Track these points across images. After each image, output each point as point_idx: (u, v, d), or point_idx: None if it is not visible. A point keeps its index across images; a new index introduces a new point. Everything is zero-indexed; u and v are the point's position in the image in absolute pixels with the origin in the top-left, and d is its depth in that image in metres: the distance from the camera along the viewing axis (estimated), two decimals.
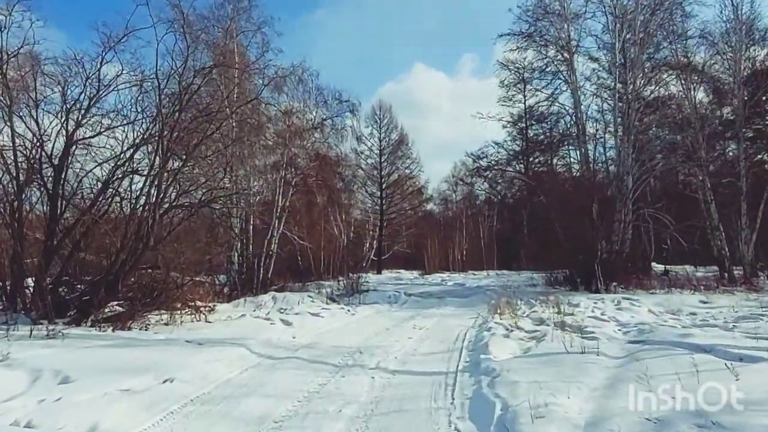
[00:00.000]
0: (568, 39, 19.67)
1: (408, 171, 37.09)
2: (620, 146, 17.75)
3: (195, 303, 9.58)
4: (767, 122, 20.08)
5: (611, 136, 19.95)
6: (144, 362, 5.55)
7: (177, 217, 9.62)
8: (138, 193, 8.96)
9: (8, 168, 9.02)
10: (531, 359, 6.02)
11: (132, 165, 9.10)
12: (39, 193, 9.41)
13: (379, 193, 35.97)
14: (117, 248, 8.45)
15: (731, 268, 17.57)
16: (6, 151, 8.97)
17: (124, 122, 9.42)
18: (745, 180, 17.57)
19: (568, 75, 19.94)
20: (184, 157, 9.19)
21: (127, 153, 9.17)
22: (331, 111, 20.20)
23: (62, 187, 9.12)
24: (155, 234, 8.66)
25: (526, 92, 29.85)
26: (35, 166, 9.24)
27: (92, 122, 9.42)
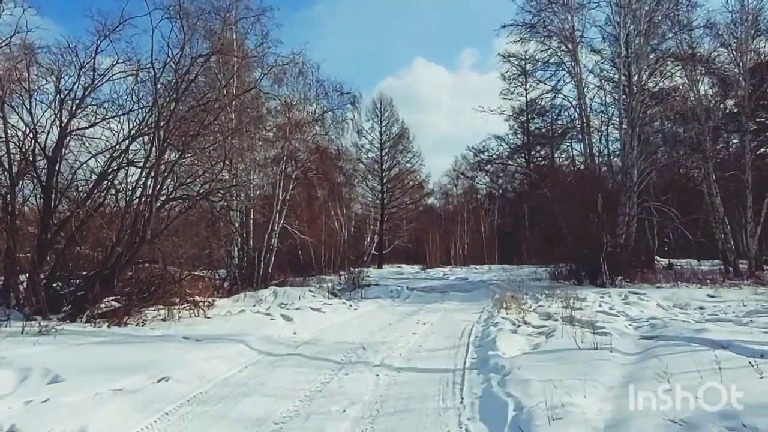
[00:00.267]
0: (572, 30, 19.27)
1: (409, 165, 36.89)
2: (625, 138, 17.45)
3: (193, 298, 9.34)
4: None
5: (615, 129, 19.70)
6: (138, 360, 5.33)
7: (174, 210, 9.38)
8: (134, 186, 8.73)
9: (0, 160, 8.78)
10: (541, 356, 5.80)
11: (127, 156, 8.85)
12: (32, 186, 9.16)
13: (380, 187, 35.72)
14: (112, 242, 8.22)
15: (737, 262, 17.35)
16: None
17: (120, 113, 9.16)
18: (751, 172, 17.30)
19: (572, 66, 19.57)
20: (182, 149, 8.92)
21: (123, 144, 8.92)
22: (332, 103, 19.87)
23: (56, 180, 8.88)
24: (152, 227, 8.41)
25: (528, 85, 29.58)
26: (29, 158, 9.00)
27: (87, 113, 9.17)
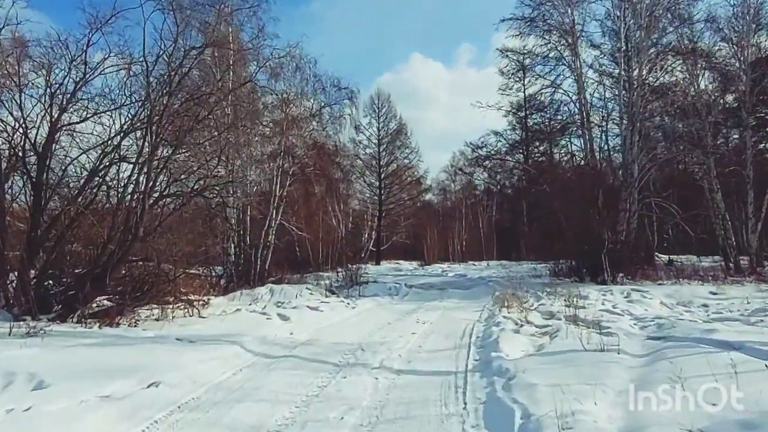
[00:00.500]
0: (572, 23, 19.06)
1: (407, 161, 36.63)
2: (625, 134, 17.26)
3: (188, 297, 9.12)
4: None
5: (615, 125, 19.50)
6: (129, 363, 5.11)
7: (168, 207, 9.15)
8: (126, 182, 8.49)
9: None
10: (546, 358, 5.61)
11: (119, 152, 8.60)
12: (22, 182, 8.92)
13: (378, 183, 35.48)
14: (104, 240, 7.99)
15: (738, 258, 17.21)
16: None
17: (112, 107, 8.92)
18: (752, 168, 17.13)
19: (572, 60, 19.35)
20: (175, 144, 8.68)
21: (115, 140, 8.68)
22: (329, 98, 19.61)
23: (47, 176, 8.63)
24: (145, 224, 8.19)
25: (527, 81, 29.28)
26: (18, 154, 8.75)
27: (78, 107, 8.92)
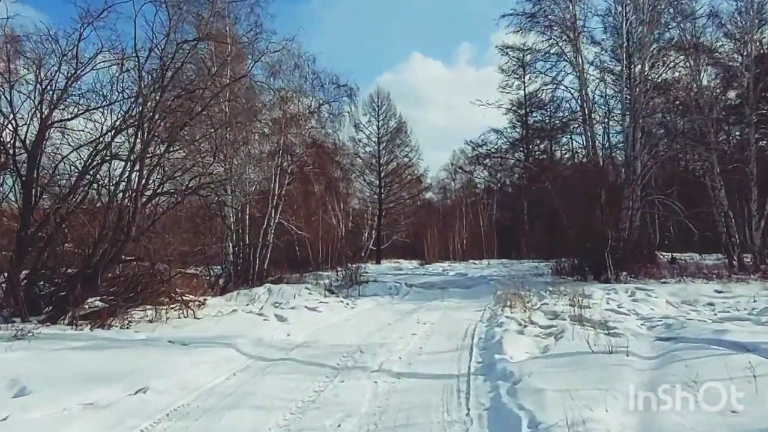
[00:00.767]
0: (574, 19, 18.81)
1: (407, 159, 36.36)
2: (628, 130, 17.04)
3: (182, 297, 8.89)
4: None
5: (615, 123, 19.29)
6: (117, 368, 4.90)
7: (162, 206, 8.93)
8: (117, 180, 8.26)
9: None
10: (552, 360, 5.39)
11: (111, 150, 8.36)
12: (12, 181, 8.70)
13: (378, 182, 35.23)
14: (95, 239, 7.77)
15: (741, 256, 17.00)
16: None
17: (104, 104, 8.69)
18: (755, 165, 16.90)
19: (574, 56, 19.13)
20: (168, 141, 8.46)
21: (107, 137, 8.46)
22: (328, 96, 19.40)
23: (37, 174, 8.42)
24: (137, 223, 7.97)
25: (527, 78, 29.15)
26: (8, 151, 8.54)
27: (69, 104, 8.69)
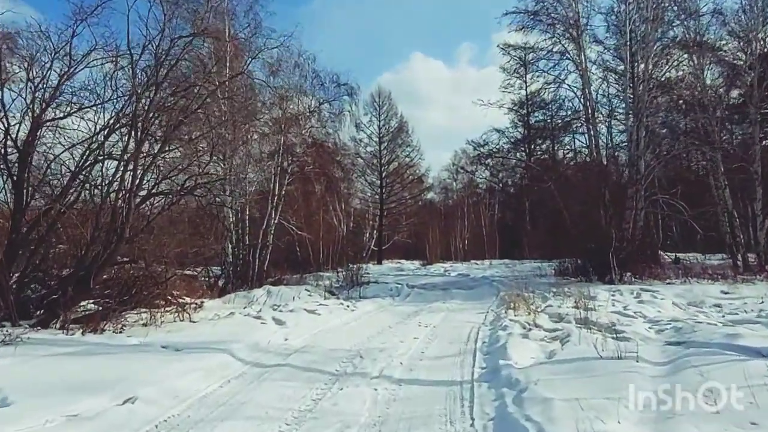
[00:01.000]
0: (577, 16, 18.57)
1: (408, 159, 36.22)
2: (631, 129, 16.82)
3: (178, 300, 8.69)
4: None
5: (618, 122, 19.08)
6: (105, 375, 4.70)
7: (157, 207, 8.72)
8: (110, 180, 8.04)
9: None
10: (559, 366, 5.17)
11: (104, 149, 8.16)
12: (2, 181, 8.51)
13: (379, 182, 35.06)
14: (87, 241, 7.57)
15: (746, 256, 16.77)
16: None
17: (97, 102, 8.48)
18: (760, 164, 16.66)
19: (577, 54, 18.90)
20: (162, 139, 8.25)
21: (101, 135, 8.26)
22: (329, 94, 19.27)
23: (29, 174, 8.22)
24: (131, 224, 7.77)
25: (529, 78, 28.87)
26: (1, 151, 8.34)
27: (61, 102, 8.49)
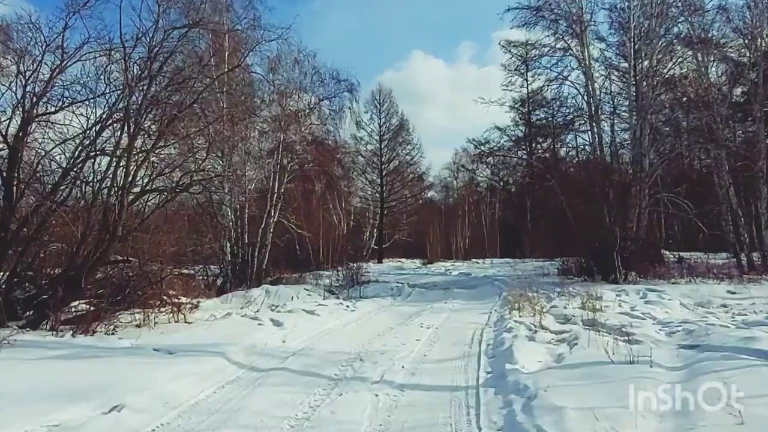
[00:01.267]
0: (581, 12, 18.32)
1: (408, 157, 36.07)
2: (635, 127, 16.59)
3: (172, 300, 8.43)
4: None
5: (621, 120, 18.80)
6: (92, 381, 4.47)
7: (151, 204, 8.49)
8: (102, 176, 7.80)
9: None
10: (568, 372, 4.93)
11: (96, 145, 7.91)
12: None
13: (380, 180, 34.87)
14: (78, 239, 7.33)
15: (750, 255, 16.55)
16: None
17: (90, 96, 8.23)
18: (765, 162, 16.41)
19: (580, 51, 18.63)
20: (156, 135, 8.01)
21: (93, 131, 8.02)
22: (329, 91, 19.00)
23: (19, 170, 7.97)
24: (124, 222, 7.53)
25: (530, 76, 28.52)
26: None
27: (53, 96, 8.26)
